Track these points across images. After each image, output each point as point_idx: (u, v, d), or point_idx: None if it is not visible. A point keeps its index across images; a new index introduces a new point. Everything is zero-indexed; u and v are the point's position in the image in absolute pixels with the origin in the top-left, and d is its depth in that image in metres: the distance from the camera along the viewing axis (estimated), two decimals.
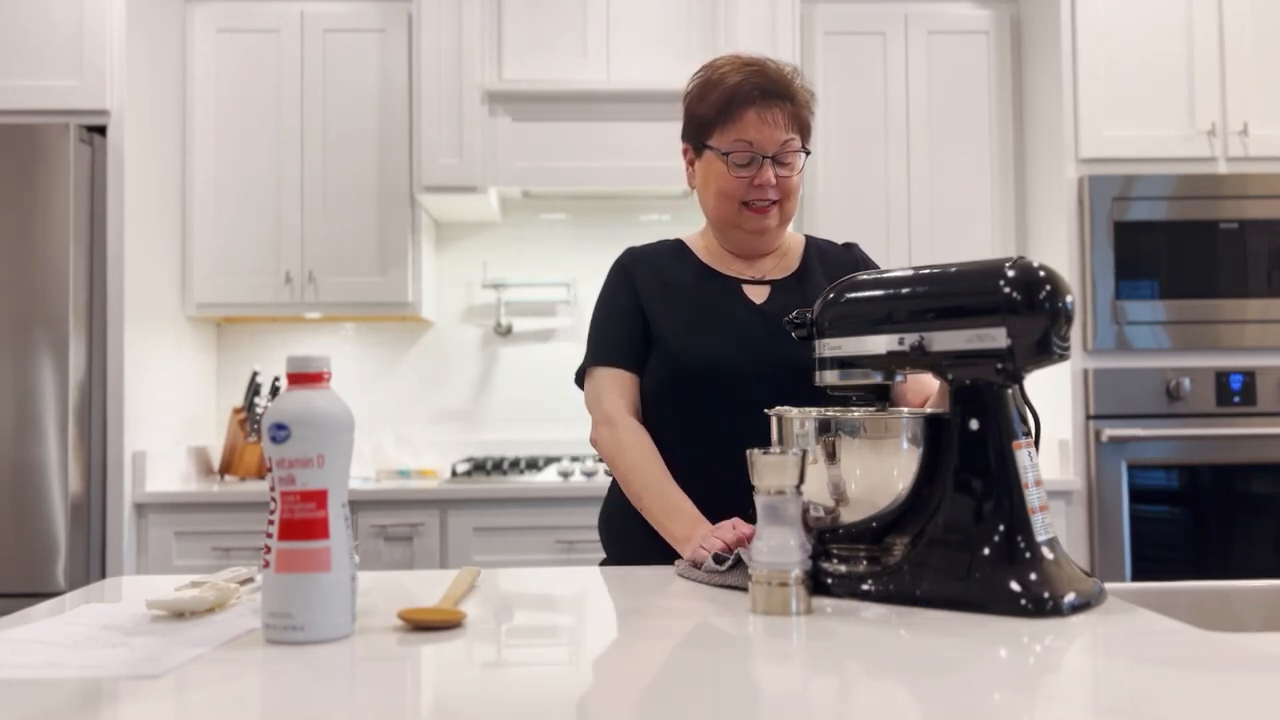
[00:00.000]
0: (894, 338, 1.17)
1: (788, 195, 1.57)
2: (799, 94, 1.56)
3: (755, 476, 1.06)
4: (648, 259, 1.66)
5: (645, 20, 3.28)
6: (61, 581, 2.75)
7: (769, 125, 1.52)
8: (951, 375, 1.12)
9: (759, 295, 1.62)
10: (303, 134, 3.32)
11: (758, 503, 1.07)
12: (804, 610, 1.05)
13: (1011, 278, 1.09)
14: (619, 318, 1.62)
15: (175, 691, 0.81)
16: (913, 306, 1.17)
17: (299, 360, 1.00)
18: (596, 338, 1.63)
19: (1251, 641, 0.96)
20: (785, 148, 1.54)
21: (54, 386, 2.78)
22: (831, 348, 1.23)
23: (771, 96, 1.53)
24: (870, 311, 1.21)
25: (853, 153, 3.37)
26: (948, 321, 1.13)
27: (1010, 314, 1.09)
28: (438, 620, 1.02)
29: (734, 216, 1.58)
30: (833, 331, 1.23)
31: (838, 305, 1.24)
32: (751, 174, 1.54)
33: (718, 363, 1.54)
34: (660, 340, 1.57)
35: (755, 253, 1.64)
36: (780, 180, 1.55)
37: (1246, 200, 3.06)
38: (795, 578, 1.05)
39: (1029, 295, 1.08)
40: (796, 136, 1.55)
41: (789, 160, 1.55)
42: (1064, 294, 1.09)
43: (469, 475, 3.19)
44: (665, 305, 1.60)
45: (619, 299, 1.63)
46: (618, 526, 1.64)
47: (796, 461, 1.05)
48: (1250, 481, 3.04)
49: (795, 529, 1.06)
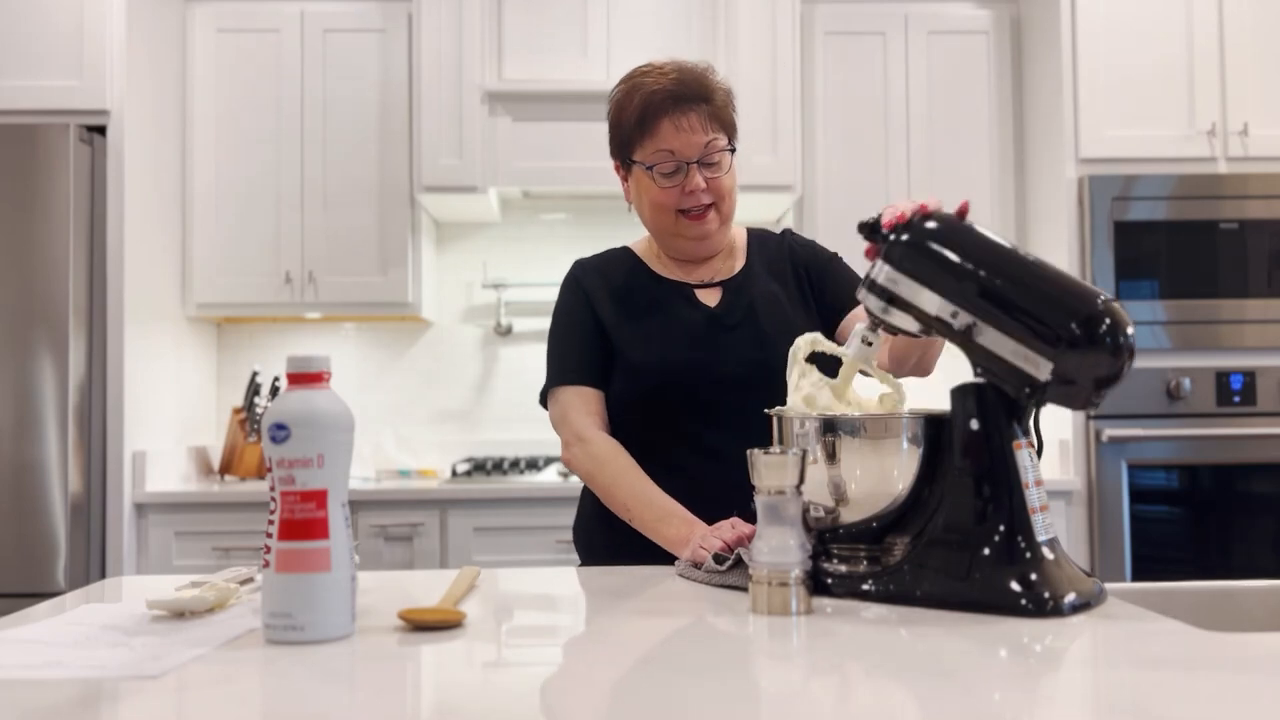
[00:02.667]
0: (950, 307, 1.11)
1: (722, 196, 1.55)
2: (716, 93, 1.53)
3: (755, 477, 1.06)
4: (599, 270, 1.64)
5: (645, 20, 3.28)
6: (61, 581, 2.75)
7: (686, 131, 1.50)
8: (979, 370, 1.11)
9: (711, 298, 1.61)
10: (303, 134, 3.32)
11: (758, 502, 1.07)
12: (804, 610, 1.06)
13: (1086, 320, 1.04)
14: (576, 334, 1.59)
15: (175, 691, 0.81)
16: (984, 288, 1.09)
17: (299, 360, 1.00)
18: (556, 356, 1.60)
19: (1251, 641, 0.96)
20: (709, 149, 1.52)
21: (54, 386, 2.78)
22: (888, 277, 1.15)
23: (685, 101, 1.50)
24: (944, 268, 1.12)
25: (853, 153, 3.37)
26: (1006, 324, 1.08)
27: (1066, 352, 1.04)
28: (438, 620, 1.02)
29: (672, 226, 1.57)
30: (899, 263, 1.15)
31: (919, 246, 1.14)
32: (679, 182, 1.52)
33: (680, 371, 1.53)
34: (621, 354, 1.56)
35: (700, 257, 1.62)
36: (711, 183, 1.53)
37: (1246, 200, 3.06)
38: (795, 578, 1.05)
39: (1093, 349, 1.03)
40: (719, 136, 1.53)
41: (715, 161, 1.52)
42: (1123, 364, 1.04)
43: (469, 475, 3.19)
44: (621, 317, 1.58)
45: (574, 314, 1.61)
46: (586, 538, 1.64)
47: (796, 461, 1.05)
48: (1250, 481, 3.04)
49: (795, 529, 1.06)
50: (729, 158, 1.54)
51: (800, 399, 1.24)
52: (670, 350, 1.55)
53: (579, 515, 1.67)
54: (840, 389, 1.25)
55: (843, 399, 1.24)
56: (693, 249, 1.60)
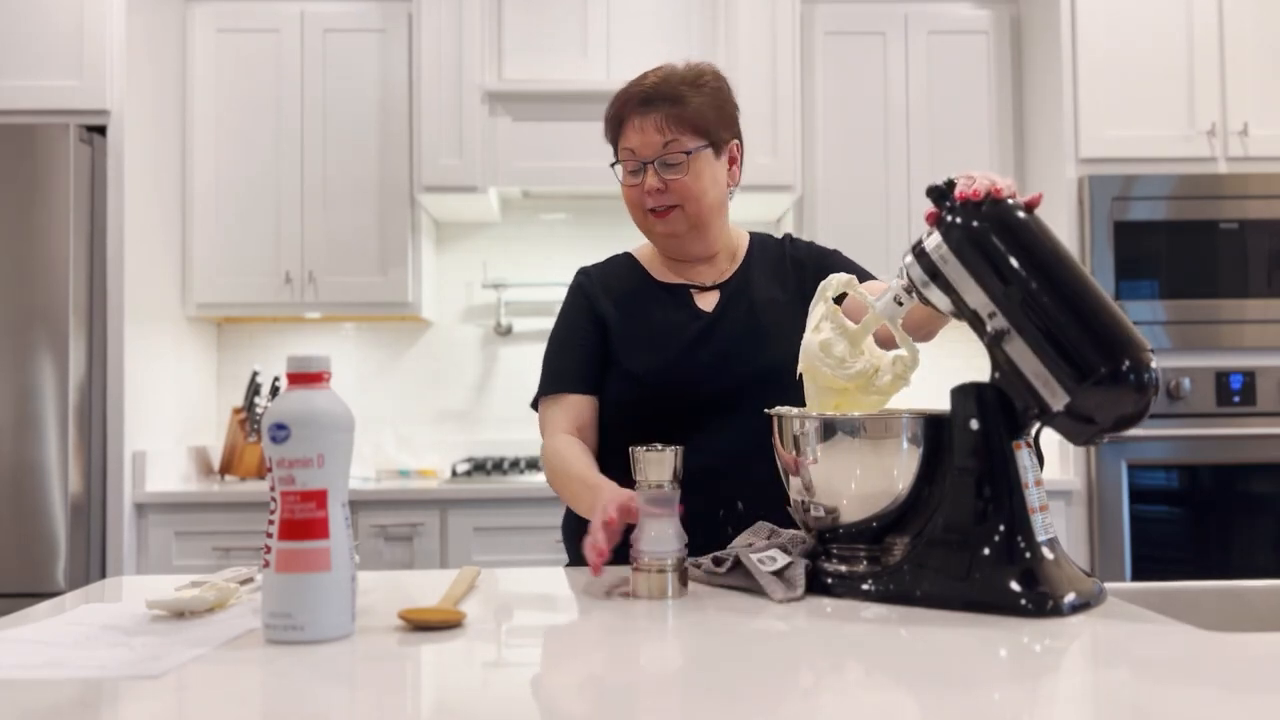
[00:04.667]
0: (990, 306, 1.09)
1: (686, 198, 1.54)
2: (686, 96, 1.54)
3: (637, 472, 1.16)
4: (603, 277, 1.66)
5: (645, 20, 3.28)
6: (61, 581, 2.75)
7: (644, 131, 1.53)
8: (996, 376, 1.10)
9: (709, 302, 1.61)
10: (303, 134, 3.32)
11: (639, 496, 1.16)
12: (679, 595, 1.16)
13: (1115, 369, 1.03)
14: (573, 343, 1.62)
15: (175, 691, 0.81)
16: (1029, 301, 1.06)
17: (299, 360, 1.00)
18: (547, 366, 1.63)
19: (1251, 641, 0.96)
20: (667, 150, 1.52)
21: (54, 386, 2.78)
22: (939, 254, 1.12)
23: (649, 103, 1.53)
24: (995, 268, 1.09)
25: (853, 153, 3.37)
26: (1039, 343, 1.06)
27: (1087, 390, 1.03)
28: (438, 620, 1.02)
29: (644, 224, 1.60)
30: (955, 245, 1.11)
31: (979, 237, 1.10)
32: (641, 181, 1.55)
33: (673, 375, 1.54)
34: (617, 360, 1.57)
35: (686, 257, 1.63)
36: (671, 184, 1.53)
37: (1246, 200, 3.06)
38: (671, 565, 1.15)
39: (1113, 393, 1.03)
40: (683, 138, 1.53)
41: (675, 162, 1.53)
42: (1135, 420, 1.04)
43: (469, 475, 3.19)
44: (621, 323, 1.60)
45: (576, 322, 1.63)
46: (570, 535, 1.65)
47: (673, 459, 1.16)
48: (1250, 481, 3.03)
49: (674, 520, 1.16)
50: (695, 161, 1.54)
51: (817, 341, 1.24)
52: (664, 354, 1.56)
53: (565, 513, 1.68)
54: (857, 337, 1.24)
55: (857, 347, 1.24)
56: (671, 247, 1.62)
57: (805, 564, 1.18)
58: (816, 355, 1.23)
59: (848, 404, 1.24)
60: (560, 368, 1.61)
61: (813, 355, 1.24)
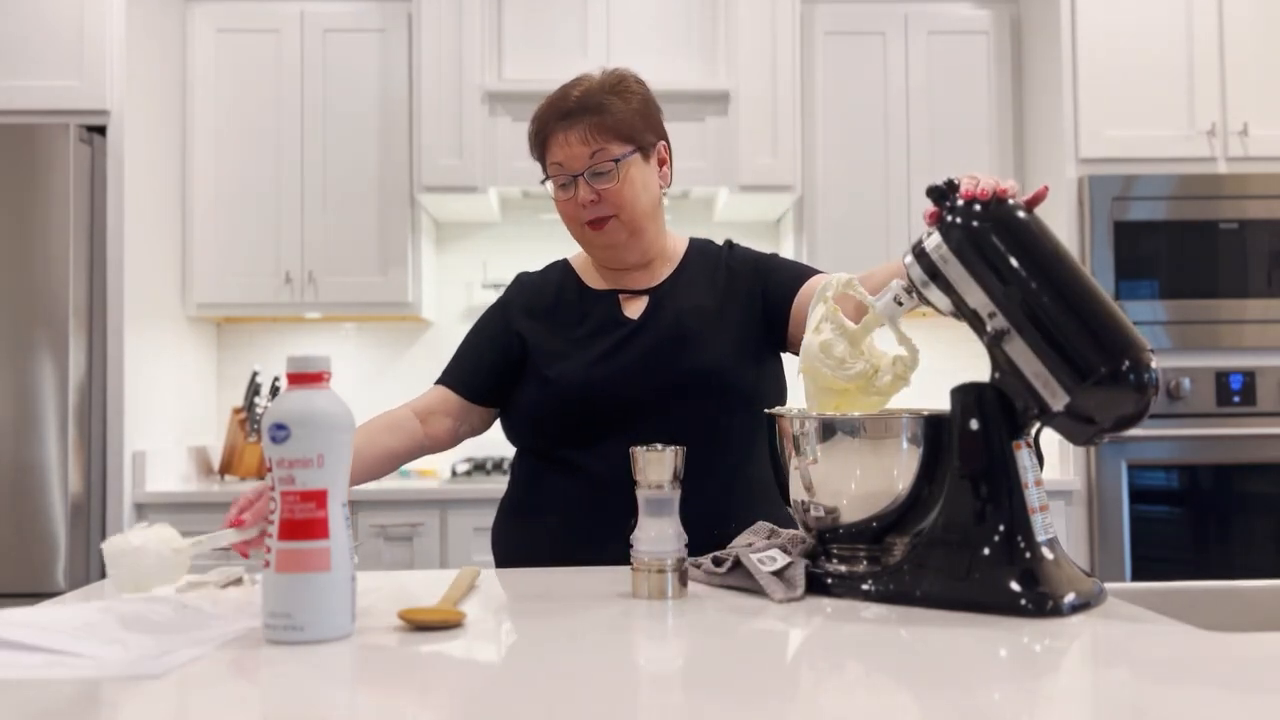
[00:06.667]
0: (990, 306, 1.08)
1: (620, 206, 1.53)
2: (608, 104, 1.52)
3: (638, 472, 1.15)
4: (533, 286, 1.68)
5: (645, 20, 3.28)
6: (61, 581, 2.75)
7: (570, 144, 1.51)
8: (996, 376, 1.10)
9: (636, 309, 1.60)
10: (303, 134, 3.32)
11: (640, 496, 1.15)
12: (679, 595, 1.15)
13: (1114, 369, 1.03)
14: (477, 346, 1.66)
15: (175, 691, 0.81)
16: (1029, 302, 1.06)
17: (299, 360, 1.00)
18: (452, 359, 1.68)
19: (1251, 641, 0.96)
20: (595, 160, 1.51)
21: (54, 386, 2.78)
22: (939, 254, 1.11)
23: (571, 116, 1.52)
24: (996, 269, 1.08)
25: (853, 153, 3.37)
26: (1039, 344, 1.05)
27: (1087, 390, 1.03)
28: (438, 620, 1.02)
29: (581, 237, 1.59)
30: (955, 246, 1.10)
31: (980, 238, 1.09)
32: (572, 195, 1.54)
33: (592, 383, 1.52)
34: (537, 369, 1.56)
35: (624, 265, 1.62)
36: (605, 193, 1.52)
37: (1246, 200, 3.06)
38: (671, 565, 1.14)
39: (1113, 393, 1.03)
40: (608, 146, 1.51)
41: (604, 171, 1.51)
42: (1135, 420, 1.04)
43: (469, 475, 3.19)
44: (542, 332, 1.59)
45: (485, 330, 1.67)
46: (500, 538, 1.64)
47: (673, 459, 1.14)
48: (1250, 481, 3.03)
49: (674, 520, 1.15)
50: (624, 168, 1.52)
51: (817, 342, 1.24)
52: (581, 361, 1.54)
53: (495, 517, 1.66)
54: (857, 337, 1.24)
55: (858, 347, 1.24)
56: (611, 257, 1.60)
57: (805, 564, 1.18)
58: (816, 356, 1.23)
59: (848, 405, 1.23)
60: (453, 365, 1.67)
61: (813, 356, 1.24)
